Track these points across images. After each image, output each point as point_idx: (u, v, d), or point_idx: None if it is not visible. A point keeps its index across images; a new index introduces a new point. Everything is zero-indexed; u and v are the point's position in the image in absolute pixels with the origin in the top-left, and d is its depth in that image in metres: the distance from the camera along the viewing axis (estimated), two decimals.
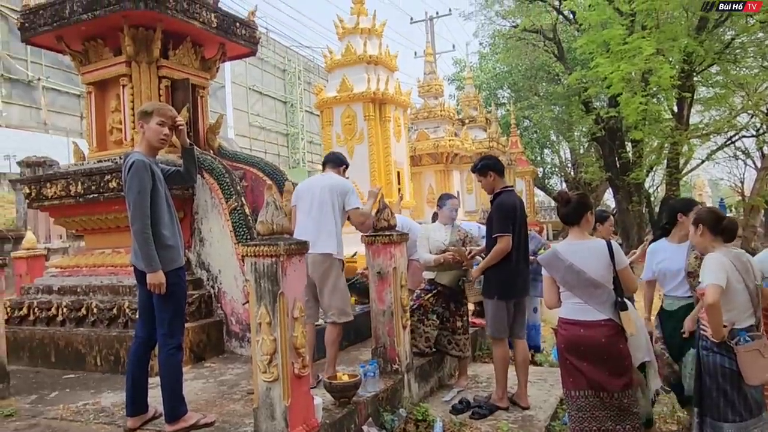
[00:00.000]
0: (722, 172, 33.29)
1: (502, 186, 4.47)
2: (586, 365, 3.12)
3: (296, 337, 2.99)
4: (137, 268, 3.34)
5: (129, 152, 3.52)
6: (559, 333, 3.29)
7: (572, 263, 3.16)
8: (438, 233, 4.90)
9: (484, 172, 4.46)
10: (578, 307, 3.17)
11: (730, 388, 3.04)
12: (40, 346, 5.19)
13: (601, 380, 3.10)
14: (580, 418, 3.16)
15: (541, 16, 17.50)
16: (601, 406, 3.12)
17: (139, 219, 3.23)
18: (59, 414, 3.77)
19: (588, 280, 3.13)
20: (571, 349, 3.18)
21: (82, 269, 5.60)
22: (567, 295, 3.22)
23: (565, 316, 3.24)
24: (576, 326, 3.16)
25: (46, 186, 5.53)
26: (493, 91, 27.25)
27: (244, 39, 6.28)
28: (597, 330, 3.11)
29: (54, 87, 20.85)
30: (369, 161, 8.78)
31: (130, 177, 3.25)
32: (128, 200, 3.27)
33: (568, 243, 3.30)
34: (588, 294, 3.14)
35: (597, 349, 3.11)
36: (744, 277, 3.04)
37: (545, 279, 3.36)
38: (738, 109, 14.50)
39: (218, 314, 5.30)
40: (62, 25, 5.45)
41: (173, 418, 3.28)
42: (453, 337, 4.86)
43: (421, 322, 4.82)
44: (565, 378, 3.26)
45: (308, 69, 35.41)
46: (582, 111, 17.53)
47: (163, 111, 3.45)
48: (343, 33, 9.28)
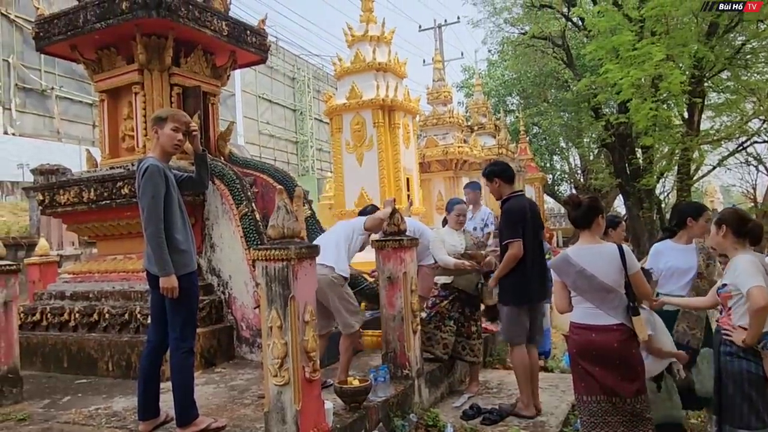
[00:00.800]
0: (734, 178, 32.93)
1: (510, 192, 4.44)
2: (599, 370, 3.09)
3: (307, 340, 2.99)
4: (150, 272, 3.37)
5: (142, 157, 3.56)
6: (571, 338, 3.26)
7: (584, 268, 3.12)
8: (451, 238, 4.85)
9: (491, 178, 4.47)
10: (590, 311, 3.14)
11: (756, 394, 2.98)
12: (52, 352, 5.24)
13: (613, 385, 3.07)
14: (592, 424, 3.13)
15: (550, 23, 17.50)
16: (613, 412, 3.09)
17: (153, 223, 3.26)
18: (71, 418, 3.80)
19: (600, 285, 3.09)
20: (583, 353, 3.15)
21: (94, 275, 5.64)
22: (578, 299, 3.20)
23: (577, 321, 3.21)
24: (588, 331, 3.13)
25: (59, 193, 5.59)
26: (502, 98, 27.22)
27: (255, 47, 6.34)
28: (609, 335, 3.08)
29: (67, 96, 21.10)
30: (378, 168, 8.79)
31: (144, 181, 3.29)
32: (142, 204, 3.31)
33: (579, 247, 3.26)
34: (600, 299, 3.11)
35: (609, 353, 3.08)
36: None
37: (556, 284, 3.33)
38: (749, 115, 14.39)
39: (229, 320, 5.32)
40: (76, 34, 5.54)
41: (185, 422, 3.29)
42: (468, 342, 4.82)
43: (438, 328, 4.76)
44: (577, 383, 3.23)
45: (317, 77, 35.61)
46: (591, 117, 17.47)
47: (178, 117, 3.49)
48: (352, 41, 9.34)
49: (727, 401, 3.10)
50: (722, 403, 3.13)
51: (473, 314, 4.85)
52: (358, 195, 9.10)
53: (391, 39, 9.45)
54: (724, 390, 3.11)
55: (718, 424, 3.17)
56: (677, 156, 14.34)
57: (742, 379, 3.02)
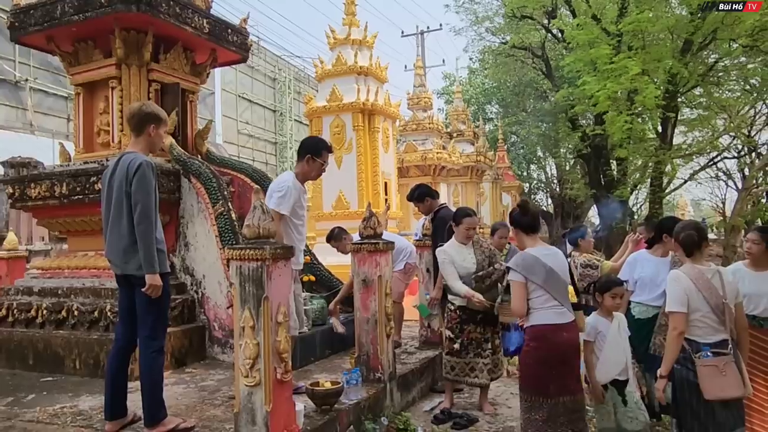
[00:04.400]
0: (704, 192, 33.71)
1: (438, 205, 5.48)
2: (563, 369, 3.15)
3: (280, 341, 2.98)
4: (124, 271, 3.31)
5: (125, 152, 3.46)
6: (542, 340, 3.20)
7: (552, 267, 3.23)
8: (460, 255, 4.52)
9: (422, 199, 5.41)
10: (558, 310, 3.21)
11: (695, 402, 3.07)
12: (18, 348, 5.11)
13: (571, 383, 3.19)
14: (546, 425, 3.13)
15: (530, 34, 17.75)
16: (563, 411, 3.15)
17: (146, 220, 3.22)
18: (35, 417, 3.71)
19: (564, 283, 3.25)
20: (554, 354, 3.16)
21: (63, 271, 5.53)
22: (542, 300, 3.21)
23: (547, 323, 3.19)
24: (560, 330, 3.19)
25: (30, 186, 5.48)
26: (482, 105, 27.50)
27: (236, 45, 6.30)
28: (574, 331, 3.26)
29: (41, 88, 20.65)
30: (357, 171, 8.82)
31: (140, 177, 3.23)
32: (135, 200, 3.23)
33: (538, 249, 3.34)
34: (563, 297, 3.25)
35: (575, 349, 3.24)
36: (705, 295, 3.06)
37: (517, 285, 3.25)
38: (720, 131, 14.78)
39: (201, 319, 5.27)
40: (53, 25, 5.44)
41: (153, 422, 3.24)
42: (492, 358, 4.59)
43: (478, 356, 4.49)
44: (540, 386, 3.18)
45: (298, 78, 35.47)
46: (568, 128, 17.73)
47: (168, 121, 3.68)
48: (334, 43, 9.35)
49: (679, 406, 3.20)
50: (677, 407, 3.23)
51: (494, 329, 4.63)
52: (336, 198, 9.11)
53: (374, 43, 9.50)
54: (674, 395, 3.21)
55: (678, 427, 3.26)
56: (650, 169, 14.64)
57: (683, 385, 3.13)
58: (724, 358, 3.02)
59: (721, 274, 3.15)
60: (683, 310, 3.05)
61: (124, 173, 3.28)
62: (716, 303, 3.06)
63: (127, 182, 3.26)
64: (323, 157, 4.14)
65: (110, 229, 3.36)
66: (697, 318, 3.07)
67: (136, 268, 3.26)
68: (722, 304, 3.06)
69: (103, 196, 3.45)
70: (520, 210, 3.40)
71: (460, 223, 4.57)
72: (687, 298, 3.05)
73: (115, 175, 3.34)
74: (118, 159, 3.40)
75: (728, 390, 2.99)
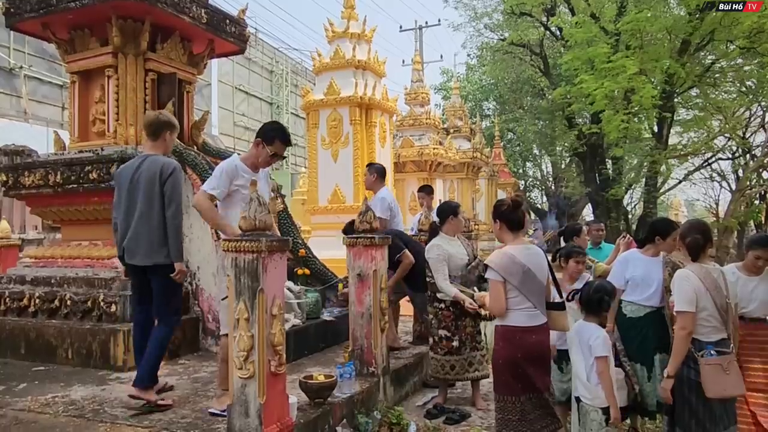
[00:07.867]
0: (698, 193, 33.93)
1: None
2: (535, 370, 3.08)
3: (274, 334, 2.98)
4: (151, 261, 3.64)
5: (148, 154, 3.80)
6: (510, 341, 3.09)
7: (529, 267, 3.07)
8: (454, 248, 4.57)
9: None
10: (531, 313, 3.07)
11: (695, 400, 3.09)
12: (9, 337, 5.08)
13: (542, 382, 3.12)
14: (520, 422, 3.08)
15: (529, 31, 17.75)
16: (536, 408, 3.09)
17: (180, 216, 3.73)
18: (27, 406, 3.69)
19: (540, 285, 3.10)
20: (527, 356, 3.07)
21: (57, 260, 5.51)
22: (517, 301, 3.07)
23: (519, 324, 3.07)
24: (530, 333, 3.07)
25: (24, 174, 5.44)
26: (479, 102, 27.48)
27: (233, 36, 6.26)
28: (544, 333, 3.14)
29: (36, 76, 20.48)
30: (353, 165, 8.80)
31: (175, 180, 3.69)
32: (171, 198, 3.66)
33: (516, 247, 3.15)
34: (538, 299, 3.10)
35: (546, 352, 3.18)
36: (712, 294, 3.09)
37: (496, 285, 3.10)
38: (715, 132, 14.84)
39: (195, 311, 5.25)
40: (49, 12, 5.39)
41: (143, 384, 3.56)
42: (486, 347, 4.66)
43: (474, 349, 4.54)
44: (512, 385, 3.11)
45: (296, 71, 35.35)
46: (565, 126, 17.77)
47: (178, 127, 4.12)
48: (332, 36, 9.31)
49: (676, 403, 3.21)
50: (674, 405, 3.24)
51: (484, 318, 4.58)
52: (332, 191, 9.09)
53: (372, 37, 9.46)
54: (672, 392, 3.21)
55: (670, 425, 3.28)
56: (645, 168, 14.71)
57: (683, 383, 3.14)
58: (727, 356, 3.05)
59: (723, 274, 3.21)
60: (693, 310, 3.05)
61: (156, 173, 3.65)
62: (721, 302, 3.09)
63: (160, 182, 3.65)
64: (275, 146, 3.67)
65: (138, 222, 3.66)
66: (703, 317, 3.08)
67: (164, 256, 3.64)
68: (726, 304, 3.10)
69: (123, 189, 3.74)
70: (513, 205, 3.22)
71: (455, 216, 4.64)
72: (696, 298, 3.06)
73: (140, 172, 3.69)
74: (143, 159, 3.76)
75: (730, 389, 3.02)
